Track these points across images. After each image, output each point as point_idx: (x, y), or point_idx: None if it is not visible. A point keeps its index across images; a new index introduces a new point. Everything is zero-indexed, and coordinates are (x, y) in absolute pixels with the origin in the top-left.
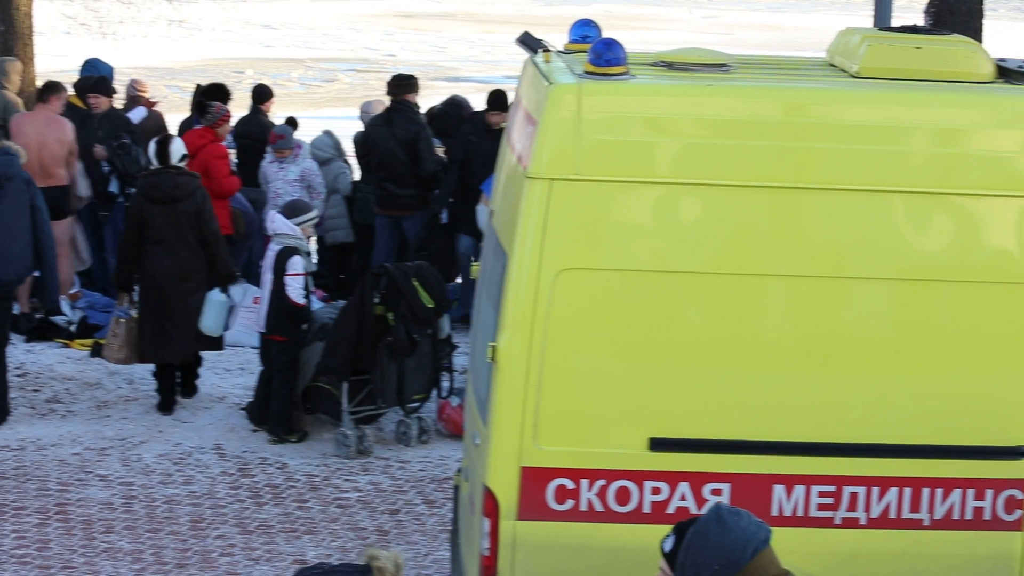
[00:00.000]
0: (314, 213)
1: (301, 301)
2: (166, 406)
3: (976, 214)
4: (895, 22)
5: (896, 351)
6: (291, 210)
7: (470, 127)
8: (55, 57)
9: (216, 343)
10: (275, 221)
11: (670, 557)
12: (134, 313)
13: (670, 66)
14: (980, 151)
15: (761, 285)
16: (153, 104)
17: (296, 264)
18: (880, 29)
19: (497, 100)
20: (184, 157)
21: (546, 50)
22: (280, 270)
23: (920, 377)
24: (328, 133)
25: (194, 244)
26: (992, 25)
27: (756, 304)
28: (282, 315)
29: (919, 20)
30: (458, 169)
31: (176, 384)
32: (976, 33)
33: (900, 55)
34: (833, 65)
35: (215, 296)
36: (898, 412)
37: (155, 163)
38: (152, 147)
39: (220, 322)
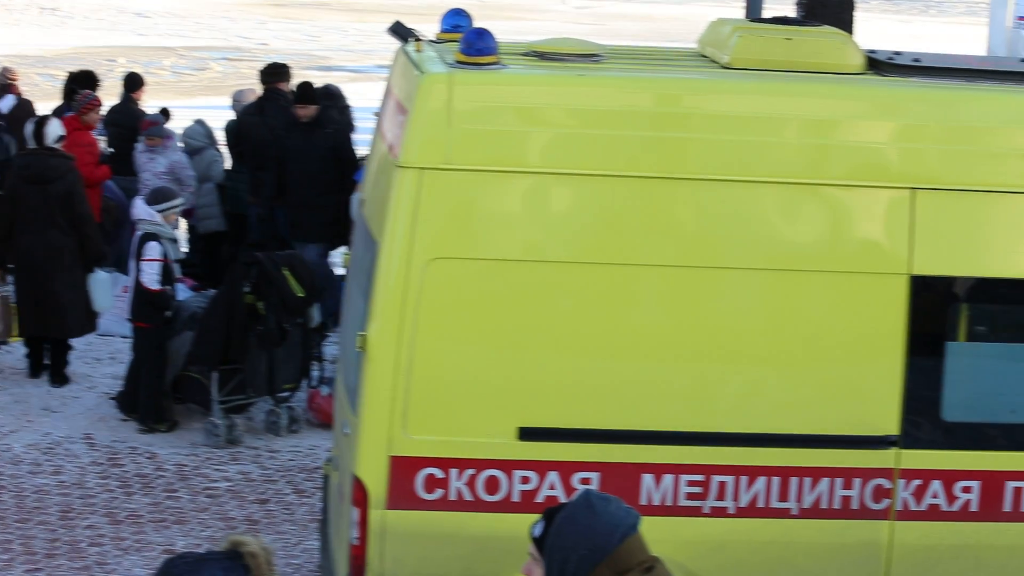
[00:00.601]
0: (177, 201)
1: (155, 287)
2: (37, 371)
3: (846, 205)
4: (767, 13)
5: (766, 341)
6: (153, 197)
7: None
8: None
9: (92, 324)
10: (137, 207)
11: (539, 542)
12: (8, 291)
13: (542, 56)
14: (850, 142)
15: (633, 275)
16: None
17: (152, 250)
18: (751, 20)
19: (304, 94)
20: (60, 139)
21: (417, 39)
22: (139, 256)
23: (790, 367)
24: (200, 122)
25: (64, 225)
26: (863, 17)
27: (627, 294)
28: (142, 301)
29: (791, 11)
30: (275, 167)
31: (45, 365)
32: (847, 24)
33: (770, 46)
34: (704, 56)
35: (98, 276)
36: (768, 402)
37: (31, 143)
38: (29, 127)
39: (109, 298)
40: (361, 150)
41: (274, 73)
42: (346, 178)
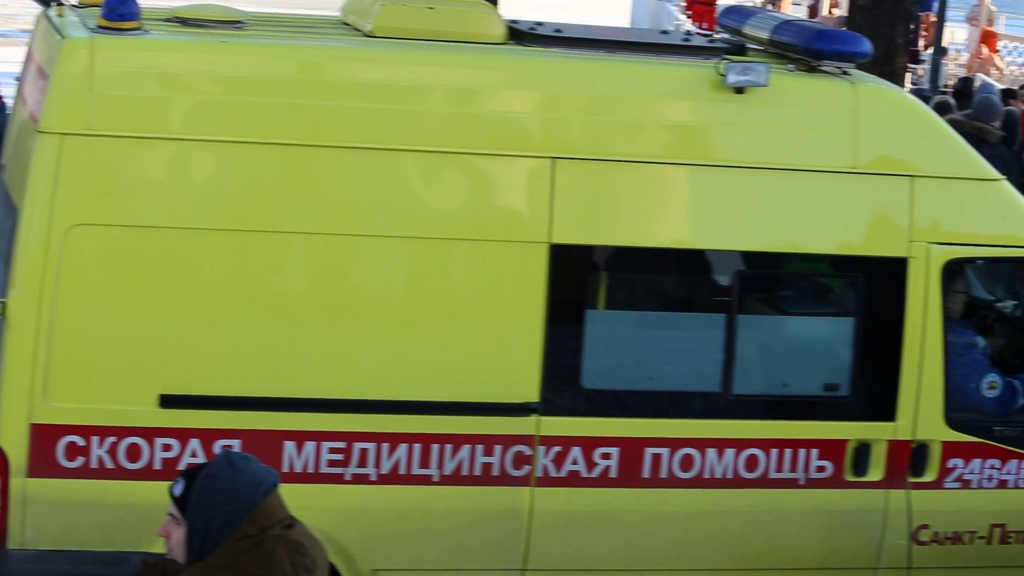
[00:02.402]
0: None
1: None
2: None
3: (488, 174)
4: None
5: (410, 309)
6: None
7: None
8: None
9: None
10: None
11: (180, 501)
12: None
13: (184, 22)
14: (492, 111)
15: (276, 242)
16: None
17: None
18: None
19: None
20: None
21: (60, 4)
22: None
23: (433, 334)
24: None
25: None
26: None
27: (271, 261)
28: None
29: None
30: None
31: None
32: None
33: (413, 15)
34: (347, 24)
35: None
36: (410, 369)
37: None
38: None
39: None
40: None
41: None
42: None
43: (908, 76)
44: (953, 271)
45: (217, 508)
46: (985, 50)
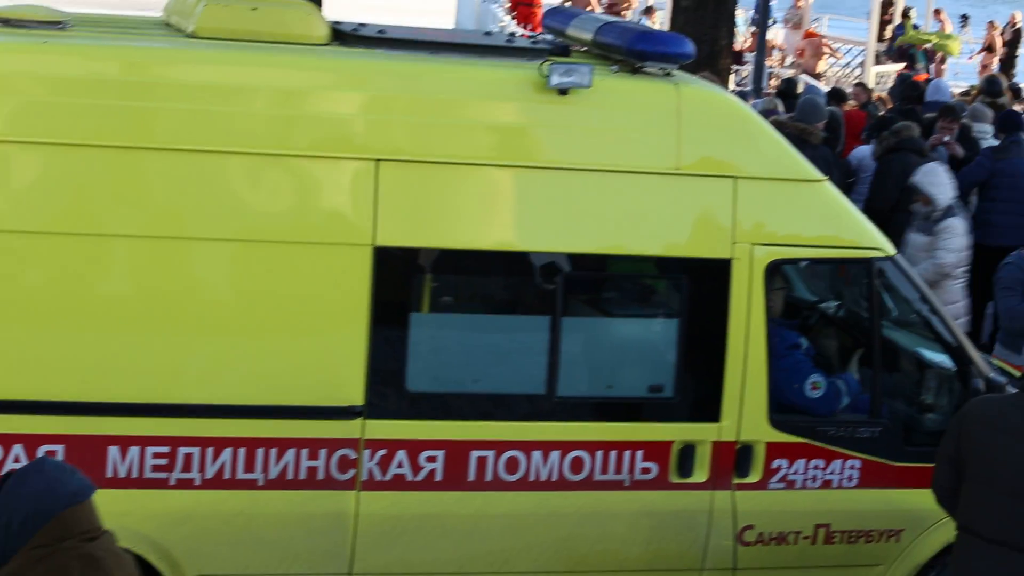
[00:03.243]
0: None
1: None
2: None
3: (313, 176)
4: None
5: (234, 312)
6: None
7: None
8: None
9: None
10: None
11: None
12: None
13: (5, 23)
14: (315, 113)
15: (101, 245)
16: None
17: None
18: None
19: None
20: None
21: None
22: None
23: (258, 338)
24: None
25: None
26: None
27: (95, 265)
28: None
29: None
30: None
31: None
32: None
33: (235, 16)
34: (170, 25)
35: None
36: (235, 373)
37: None
38: None
39: None
40: None
41: None
42: None
43: (732, 77)
44: (776, 272)
45: (15, 514)
46: (809, 50)
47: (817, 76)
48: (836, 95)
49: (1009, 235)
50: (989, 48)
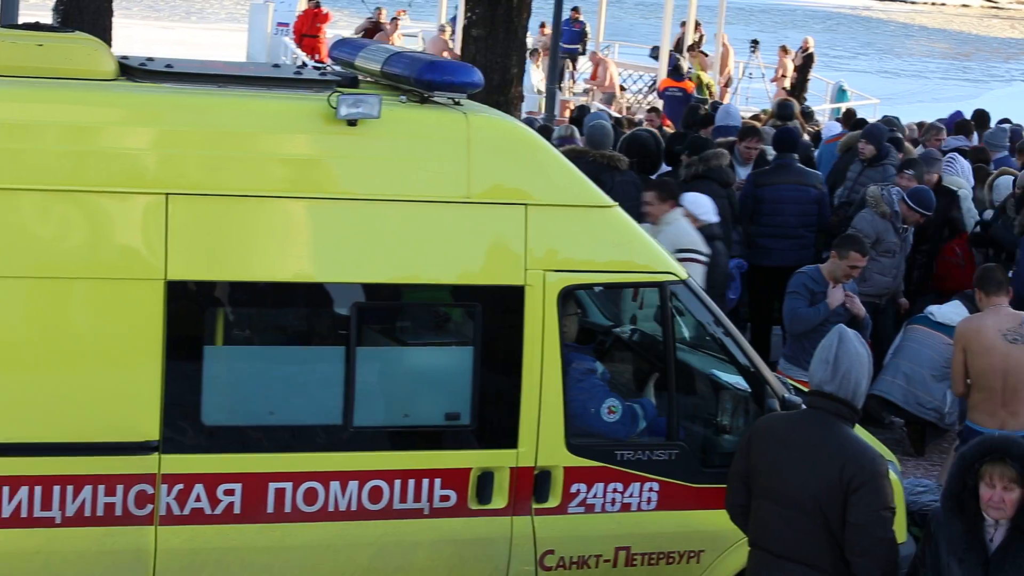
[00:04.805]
0: None
1: None
2: None
3: (105, 211)
4: (24, 19)
5: (28, 350)
6: None
7: None
8: None
9: None
10: None
11: None
12: None
13: None
14: (104, 148)
15: None
16: None
17: None
18: (4, 27)
19: None
20: None
21: None
22: None
23: (52, 375)
24: None
25: None
26: (125, 23)
27: None
28: None
29: (48, 18)
30: None
31: None
32: (105, 31)
33: (22, 52)
34: None
35: None
36: (29, 411)
37: None
38: None
39: None
40: None
41: None
42: None
43: (524, 106)
44: (569, 297)
45: None
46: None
47: (610, 102)
48: (621, 124)
49: (777, 256)
50: (782, 73)
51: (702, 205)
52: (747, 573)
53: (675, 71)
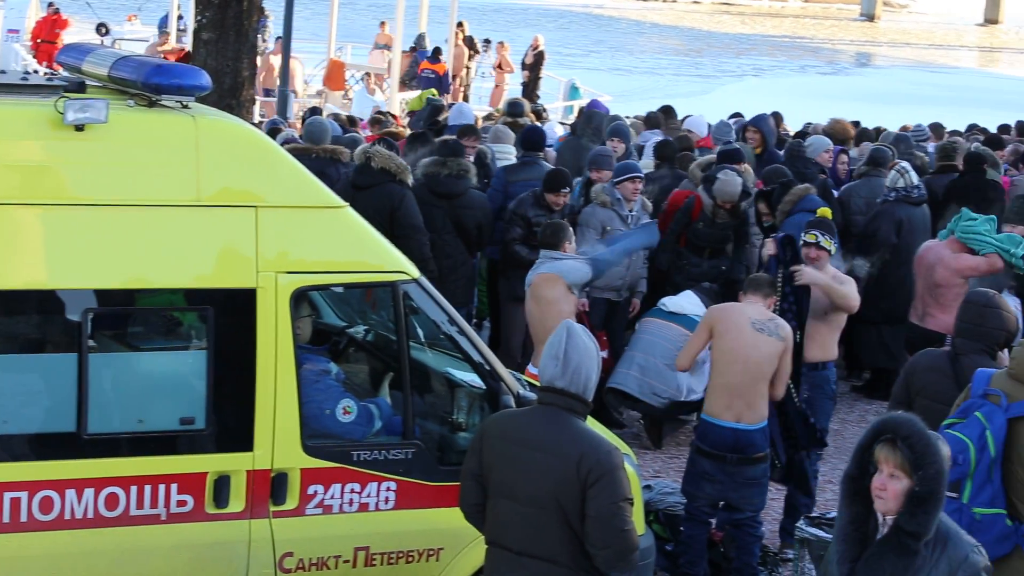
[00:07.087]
0: None
1: None
2: None
3: None
4: None
5: None
6: None
7: None
8: None
9: None
10: None
11: None
12: None
13: None
14: None
15: None
16: None
17: None
18: None
19: None
20: None
21: None
22: None
23: None
24: None
25: None
26: None
27: None
28: None
29: None
30: None
31: None
32: None
33: None
34: None
35: None
36: None
37: None
38: None
39: None
40: None
41: None
42: None
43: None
44: (302, 299)
45: None
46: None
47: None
48: (351, 122)
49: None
50: (500, 66)
51: None
52: (485, 571)
53: (433, 55)
